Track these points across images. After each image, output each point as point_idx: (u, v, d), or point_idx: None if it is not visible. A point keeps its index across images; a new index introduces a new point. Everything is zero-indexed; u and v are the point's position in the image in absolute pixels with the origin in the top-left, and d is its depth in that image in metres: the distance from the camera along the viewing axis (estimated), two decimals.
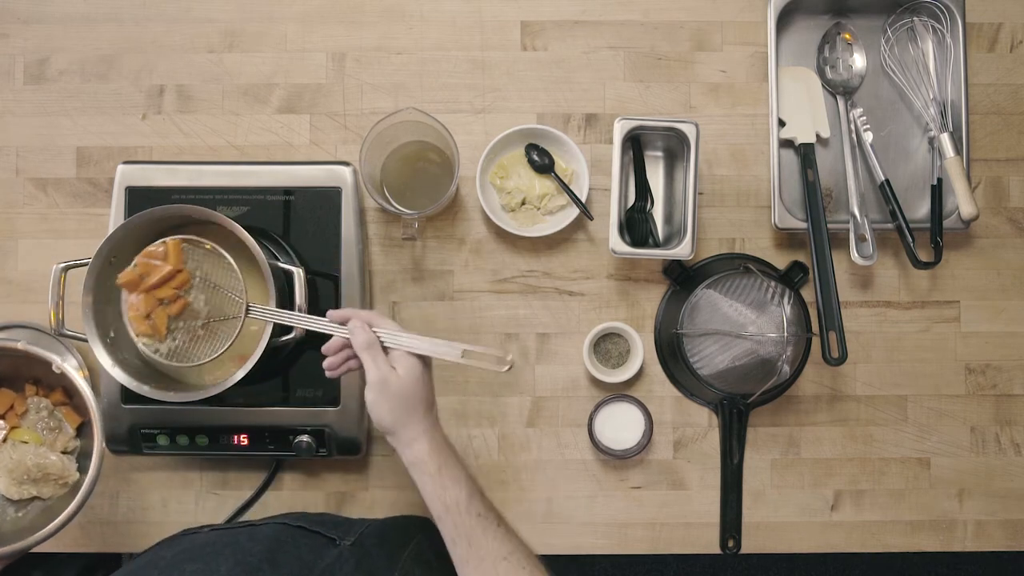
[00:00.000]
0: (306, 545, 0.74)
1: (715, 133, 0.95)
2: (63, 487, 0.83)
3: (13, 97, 0.95)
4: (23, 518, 0.81)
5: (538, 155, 0.92)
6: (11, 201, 0.95)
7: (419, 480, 0.70)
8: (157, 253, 0.75)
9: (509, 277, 0.94)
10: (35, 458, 0.82)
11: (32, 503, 0.83)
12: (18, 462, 0.81)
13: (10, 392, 0.85)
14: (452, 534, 0.69)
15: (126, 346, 0.81)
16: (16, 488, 0.81)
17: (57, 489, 0.83)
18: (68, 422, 0.86)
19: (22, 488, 0.82)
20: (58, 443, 0.84)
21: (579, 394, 0.94)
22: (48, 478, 0.82)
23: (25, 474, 0.81)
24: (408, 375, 0.70)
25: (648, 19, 0.96)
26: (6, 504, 0.82)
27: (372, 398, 0.70)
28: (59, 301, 0.78)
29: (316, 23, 0.95)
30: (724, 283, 0.87)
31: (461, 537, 0.68)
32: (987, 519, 0.94)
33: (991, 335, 0.95)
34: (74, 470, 0.84)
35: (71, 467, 0.84)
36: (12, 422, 0.84)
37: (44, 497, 0.83)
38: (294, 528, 0.78)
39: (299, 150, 0.95)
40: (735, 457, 0.92)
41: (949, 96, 0.93)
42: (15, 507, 0.82)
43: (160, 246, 0.75)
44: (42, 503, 0.82)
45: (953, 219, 0.91)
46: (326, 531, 0.78)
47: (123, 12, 0.95)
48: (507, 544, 0.67)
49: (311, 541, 0.76)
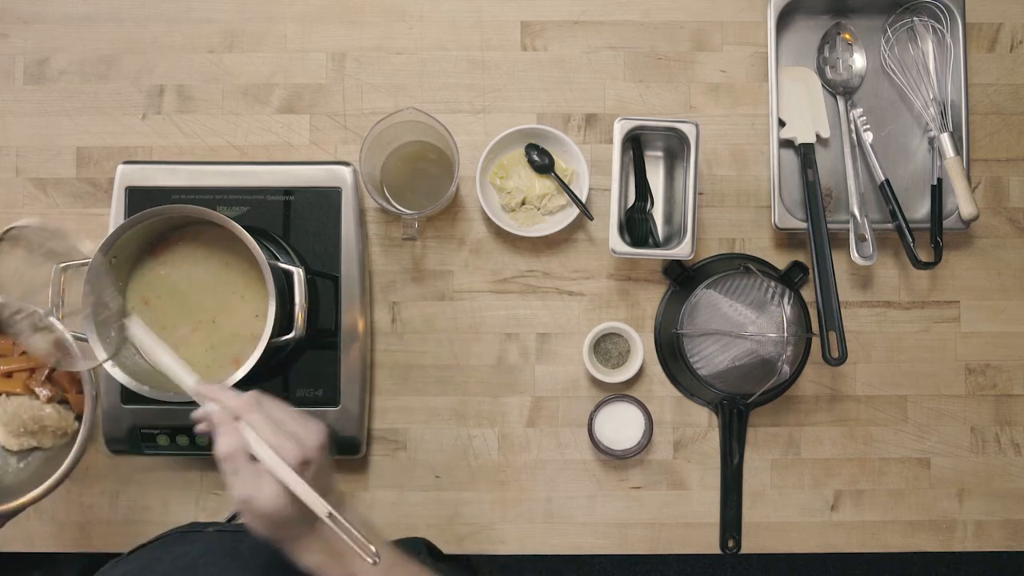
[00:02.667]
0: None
1: (715, 133, 0.95)
2: (63, 436, 0.81)
3: (13, 97, 0.95)
4: (25, 469, 0.80)
5: (538, 155, 0.92)
6: (11, 201, 0.95)
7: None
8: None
9: (509, 277, 0.94)
10: (30, 410, 0.80)
11: (33, 453, 0.81)
12: (13, 414, 0.79)
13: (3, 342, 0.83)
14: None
15: (126, 346, 0.81)
16: (15, 440, 0.79)
17: (57, 439, 0.81)
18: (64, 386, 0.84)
19: (21, 439, 0.80)
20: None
21: (579, 394, 0.94)
22: (46, 430, 0.80)
23: (22, 426, 0.79)
24: (272, 500, 0.58)
25: (648, 19, 0.96)
26: (7, 455, 0.81)
27: (241, 517, 0.61)
28: (59, 301, 0.78)
29: (316, 23, 0.95)
30: (724, 283, 0.87)
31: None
32: (987, 519, 0.94)
33: (991, 335, 0.95)
34: (72, 419, 0.82)
35: (68, 416, 0.82)
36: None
37: (45, 447, 0.81)
38: None
39: (299, 150, 0.95)
40: (735, 457, 0.92)
41: (949, 96, 0.93)
42: (17, 458, 0.81)
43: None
44: (43, 453, 0.80)
45: (953, 219, 0.91)
46: None
47: (123, 12, 0.95)
48: None
49: None
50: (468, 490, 0.93)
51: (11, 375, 0.82)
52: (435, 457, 0.93)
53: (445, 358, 0.93)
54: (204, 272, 0.82)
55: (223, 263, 0.82)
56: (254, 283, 0.81)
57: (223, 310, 0.81)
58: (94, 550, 0.93)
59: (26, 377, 0.82)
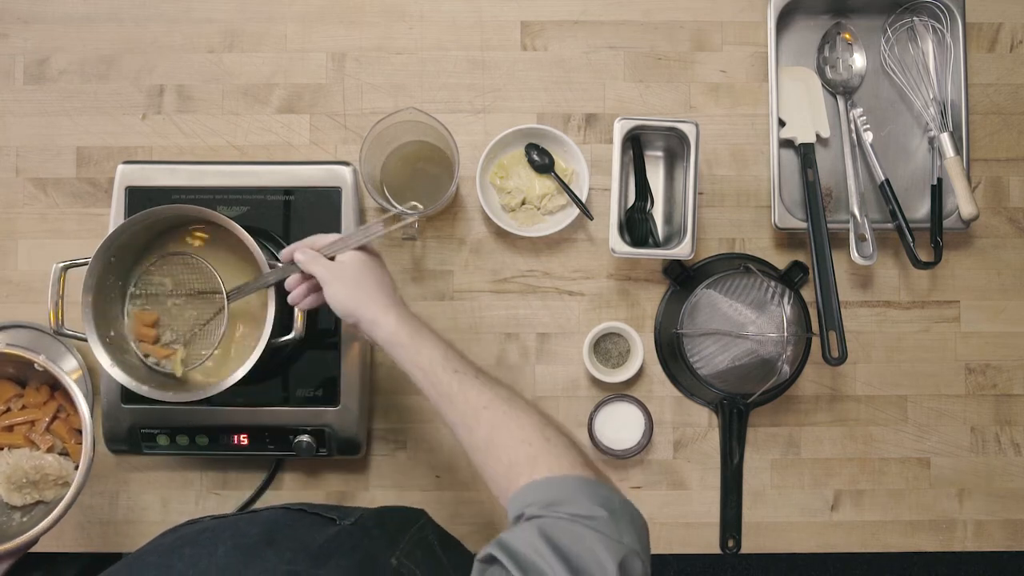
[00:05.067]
0: (305, 525, 0.74)
1: (715, 133, 0.95)
2: (64, 487, 0.83)
3: (13, 97, 0.95)
4: (28, 523, 0.81)
5: (538, 155, 0.92)
6: (11, 201, 0.95)
7: (395, 354, 0.70)
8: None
9: (509, 277, 0.94)
10: (31, 460, 0.81)
11: (36, 507, 0.82)
12: (15, 466, 0.81)
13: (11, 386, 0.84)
14: (435, 397, 0.68)
15: (126, 346, 0.81)
16: (18, 494, 0.81)
17: (58, 490, 0.83)
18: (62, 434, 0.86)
19: (23, 493, 0.81)
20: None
21: (579, 394, 0.94)
22: (47, 479, 0.82)
23: (24, 476, 0.81)
24: (354, 262, 0.73)
25: (648, 19, 0.96)
26: (11, 511, 0.82)
27: (330, 292, 0.72)
28: (59, 301, 0.78)
29: (316, 23, 0.95)
30: (724, 283, 0.87)
31: (443, 397, 0.67)
32: (987, 519, 0.94)
33: (991, 335, 0.95)
34: (71, 468, 0.83)
35: (68, 466, 0.83)
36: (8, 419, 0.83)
37: (47, 500, 0.82)
38: (294, 512, 0.77)
39: (299, 150, 0.95)
40: (735, 457, 0.92)
41: (949, 96, 0.93)
42: (21, 512, 0.82)
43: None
44: (46, 507, 0.82)
45: (953, 219, 0.91)
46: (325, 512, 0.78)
47: (123, 12, 0.95)
48: (486, 394, 0.66)
49: (310, 521, 0.75)
50: (468, 490, 0.93)
51: (12, 428, 0.83)
52: (435, 457, 0.93)
53: None
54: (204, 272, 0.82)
55: (223, 263, 0.81)
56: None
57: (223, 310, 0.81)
58: (94, 550, 0.93)
59: (26, 429, 0.83)
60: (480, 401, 0.65)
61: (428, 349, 0.69)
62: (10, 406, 0.84)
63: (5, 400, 0.84)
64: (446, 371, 0.67)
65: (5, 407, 0.84)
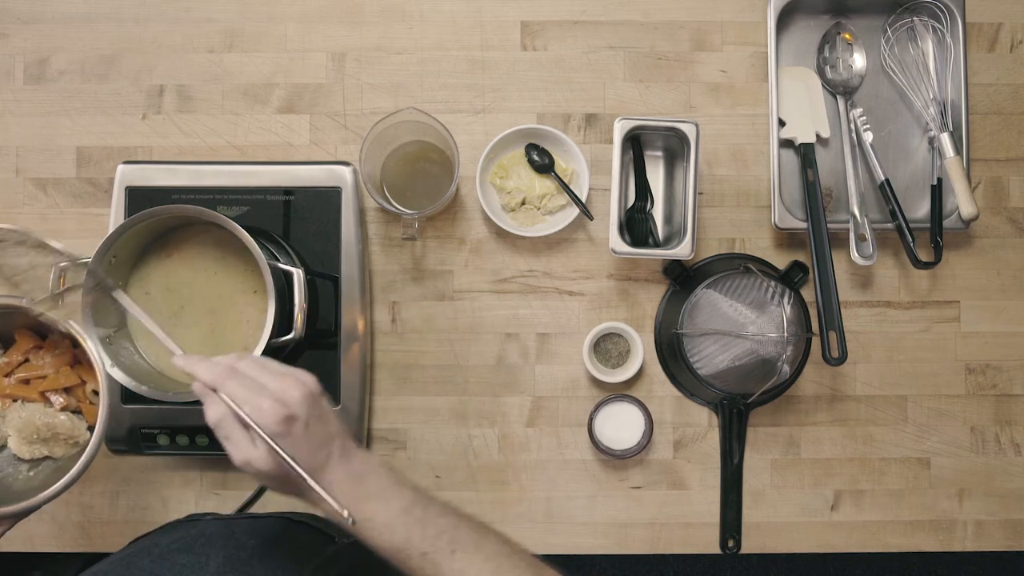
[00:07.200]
0: (303, 541, 0.73)
1: (715, 133, 0.95)
2: (74, 446, 0.81)
3: (13, 97, 0.95)
4: (35, 477, 0.80)
5: (538, 155, 0.92)
6: (11, 201, 0.95)
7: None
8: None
9: (509, 277, 0.94)
10: (44, 416, 0.80)
11: (44, 462, 0.81)
12: (27, 420, 0.79)
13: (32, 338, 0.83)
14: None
15: (126, 346, 0.81)
16: (27, 447, 0.80)
17: (68, 448, 0.81)
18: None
19: (33, 447, 0.80)
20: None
21: (579, 394, 0.94)
22: (58, 437, 0.80)
23: (35, 432, 0.79)
24: (265, 461, 0.58)
25: (648, 19, 0.96)
26: (19, 463, 0.81)
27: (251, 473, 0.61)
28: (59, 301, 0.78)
29: (316, 23, 0.95)
30: (724, 283, 0.87)
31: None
32: (987, 519, 0.94)
33: (991, 335, 0.95)
34: (84, 428, 0.82)
35: (80, 425, 0.81)
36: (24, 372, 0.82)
37: (56, 457, 0.81)
38: (296, 523, 0.77)
39: (299, 150, 0.95)
40: (735, 457, 0.92)
41: (949, 96, 0.93)
42: (28, 466, 0.81)
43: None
44: (54, 463, 0.81)
45: (953, 219, 0.91)
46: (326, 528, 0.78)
47: (123, 12, 0.95)
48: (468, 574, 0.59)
49: (309, 537, 0.75)
50: (468, 490, 0.93)
51: (28, 382, 0.82)
52: (435, 457, 0.93)
53: (445, 358, 0.93)
54: (203, 272, 0.82)
55: (223, 263, 0.82)
56: (254, 283, 0.81)
57: (223, 311, 0.82)
58: (94, 550, 0.93)
59: (43, 384, 0.82)
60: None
61: (389, 533, 0.61)
62: (28, 357, 0.82)
63: (24, 351, 0.82)
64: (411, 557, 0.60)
65: (23, 358, 0.82)
